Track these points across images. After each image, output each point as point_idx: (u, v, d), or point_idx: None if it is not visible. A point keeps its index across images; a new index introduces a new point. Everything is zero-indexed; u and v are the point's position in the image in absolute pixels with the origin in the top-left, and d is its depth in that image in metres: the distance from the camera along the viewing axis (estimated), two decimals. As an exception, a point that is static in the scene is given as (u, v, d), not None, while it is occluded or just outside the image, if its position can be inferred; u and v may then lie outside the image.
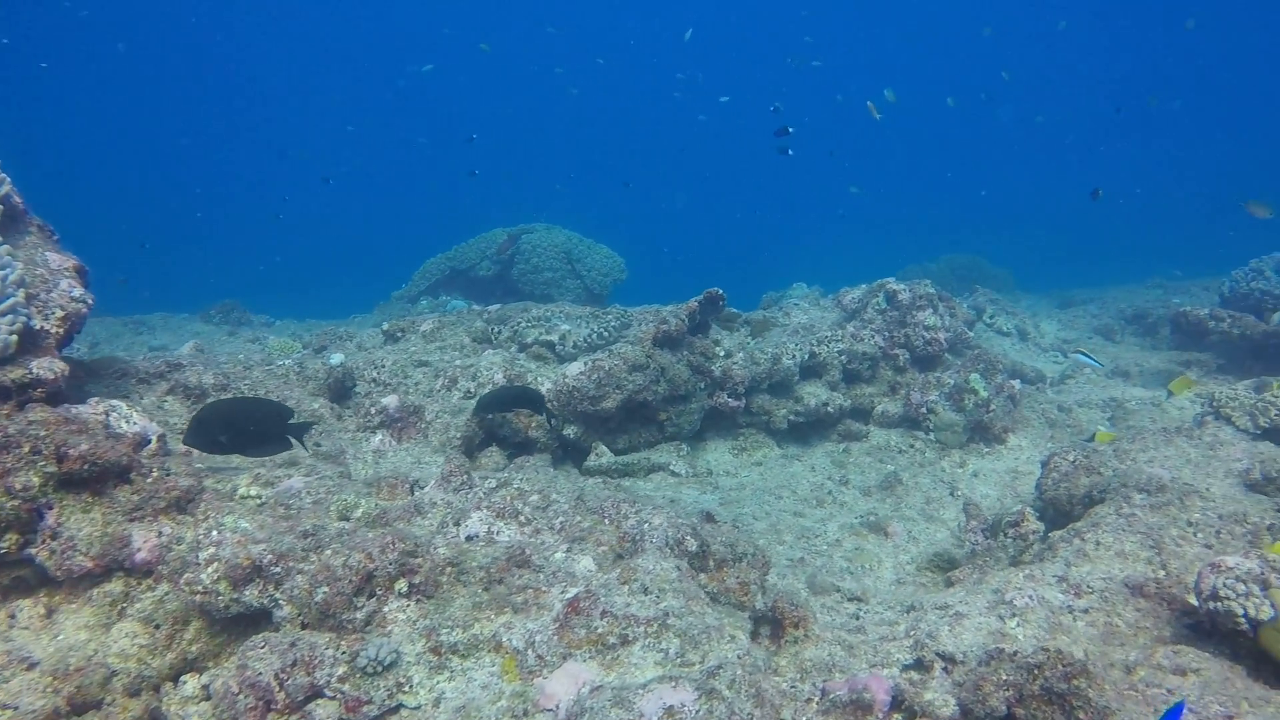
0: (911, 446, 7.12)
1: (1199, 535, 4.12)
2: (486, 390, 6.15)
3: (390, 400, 5.64)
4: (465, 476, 4.22)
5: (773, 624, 3.77)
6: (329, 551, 3.44)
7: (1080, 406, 8.87)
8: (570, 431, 6.24)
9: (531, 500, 4.10)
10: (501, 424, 6.02)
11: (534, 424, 6.13)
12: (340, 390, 6.06)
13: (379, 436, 5.54)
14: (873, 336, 7.70)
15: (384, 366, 6.47)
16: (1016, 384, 7.48)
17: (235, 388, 5.48)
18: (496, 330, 7.06)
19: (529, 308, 7.93)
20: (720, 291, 6.91)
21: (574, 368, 6.22)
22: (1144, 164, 52.96)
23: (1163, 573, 3.84)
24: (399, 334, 7.30)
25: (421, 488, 4.38)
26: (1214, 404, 5.84)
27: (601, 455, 6.30)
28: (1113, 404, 8.77)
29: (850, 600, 4.51)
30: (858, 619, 4.21)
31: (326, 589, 3.26)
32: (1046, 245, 37.17)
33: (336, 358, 6.37)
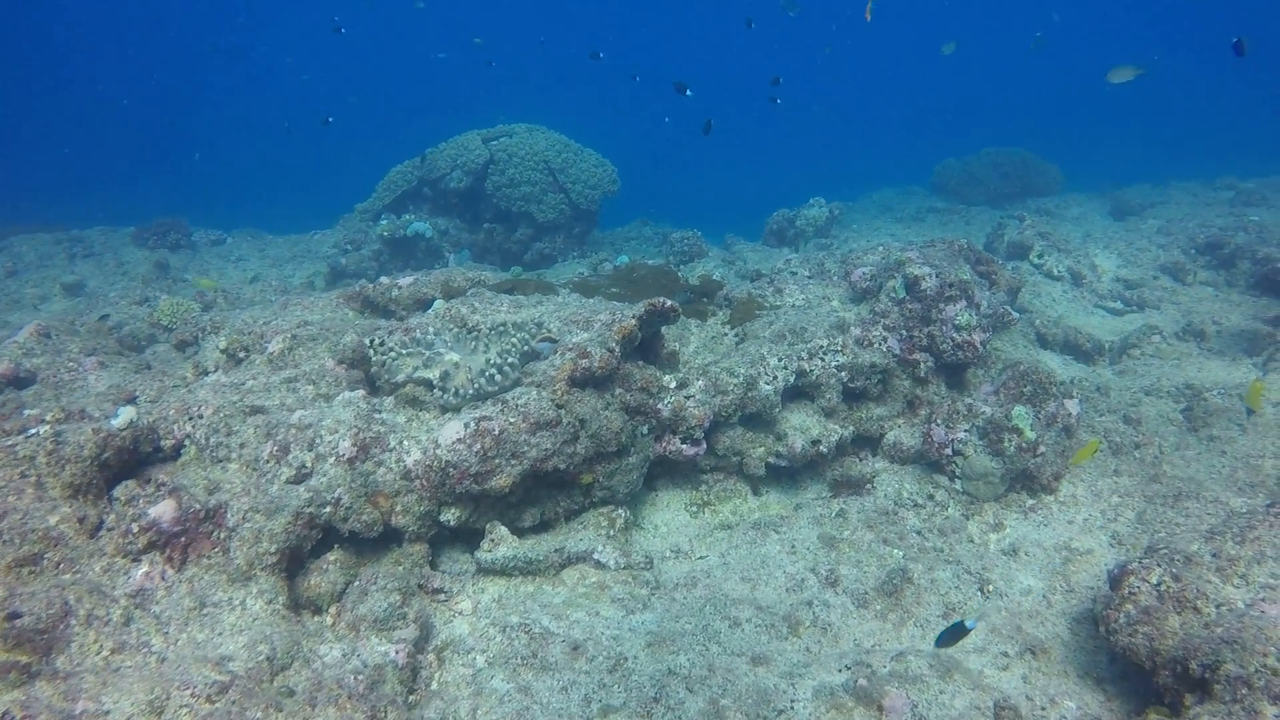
0: (930, 499, 5.28)
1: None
2: (330, 463, 4.34)
3: (162, 509, 3.83)
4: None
5: None
6: None
7: (1148, 396, 6.96)
8: (450, 517, 4.46)
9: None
10: (348, 512, 4.25)
11: (398, 505, 4.37)
12: (126, 468, 4.29)
13: (143, 568, 3.77)
14: (885, 339, 5.72)
15: (201, 417, 4.64)
16: (1074, 407, 5.53)
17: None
18: (377, 345, 5.13)
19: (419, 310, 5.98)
20: (668, 302, 4.94)
21: (449, 431, 4.36)
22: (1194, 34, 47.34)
23: None
24: (241, 354, 5.41)
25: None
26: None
27: (499, 543, 4.54)
28: (1188, 393, 6.85)
29: None
30: None
31: None
32: (1092, 129, 33.57)
33: (122, 413, 4.50)
